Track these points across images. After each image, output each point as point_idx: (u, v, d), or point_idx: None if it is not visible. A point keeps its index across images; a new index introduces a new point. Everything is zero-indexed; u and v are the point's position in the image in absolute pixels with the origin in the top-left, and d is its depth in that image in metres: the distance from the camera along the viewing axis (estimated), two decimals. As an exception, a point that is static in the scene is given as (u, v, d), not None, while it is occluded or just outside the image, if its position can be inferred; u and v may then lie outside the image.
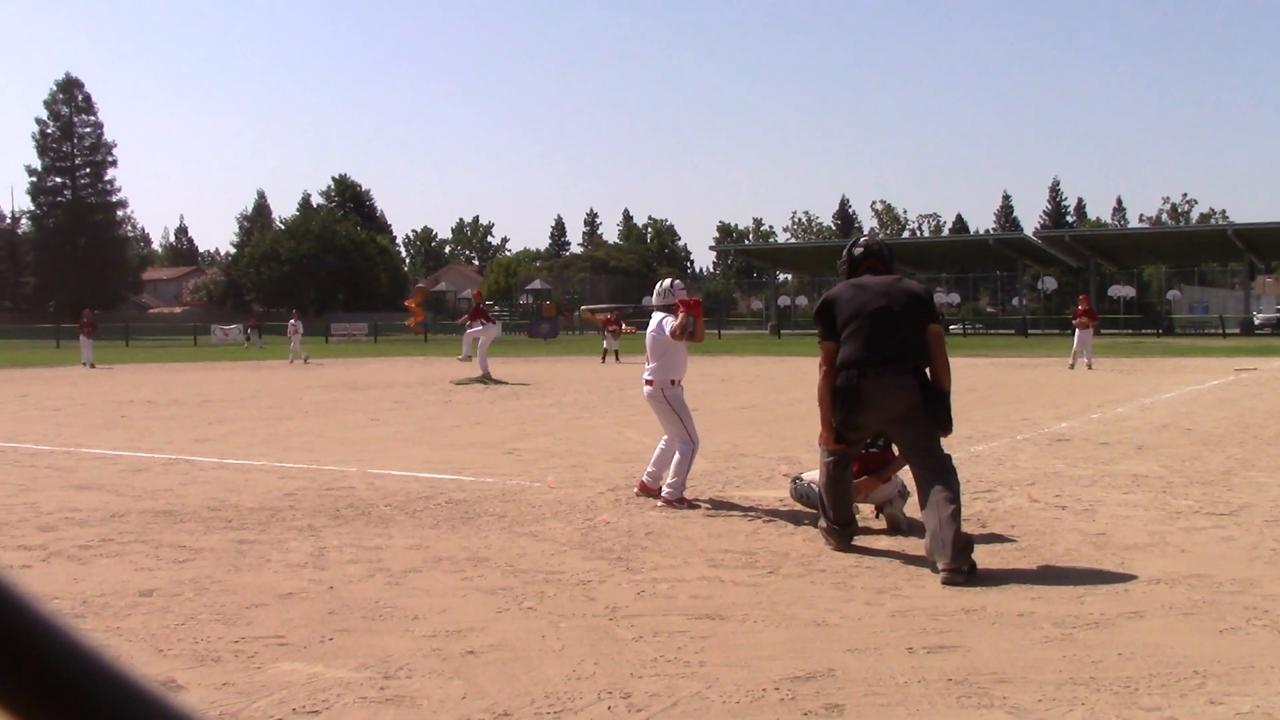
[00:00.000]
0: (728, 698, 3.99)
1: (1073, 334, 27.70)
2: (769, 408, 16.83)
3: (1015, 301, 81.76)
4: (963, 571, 5.75)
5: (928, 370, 6.43)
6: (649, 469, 8.47)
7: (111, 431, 13.87)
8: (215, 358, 40.08)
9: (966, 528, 7.10)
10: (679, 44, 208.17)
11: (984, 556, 6.34)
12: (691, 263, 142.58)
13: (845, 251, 6.84)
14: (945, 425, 6.35)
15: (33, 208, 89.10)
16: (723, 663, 4.39)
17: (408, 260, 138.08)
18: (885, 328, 6.35)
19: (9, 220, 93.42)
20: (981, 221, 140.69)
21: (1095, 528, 7.16)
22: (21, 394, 21.46)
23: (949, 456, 6.36)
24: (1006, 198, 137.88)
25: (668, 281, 8.86)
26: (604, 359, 34.61)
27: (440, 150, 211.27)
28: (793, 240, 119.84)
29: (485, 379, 22.68)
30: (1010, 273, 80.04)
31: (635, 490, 8.51)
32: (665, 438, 8.45)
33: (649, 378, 8.56)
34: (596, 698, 4.00)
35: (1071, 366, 26.72)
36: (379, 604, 5.32)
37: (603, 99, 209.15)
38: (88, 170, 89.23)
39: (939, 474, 6.17)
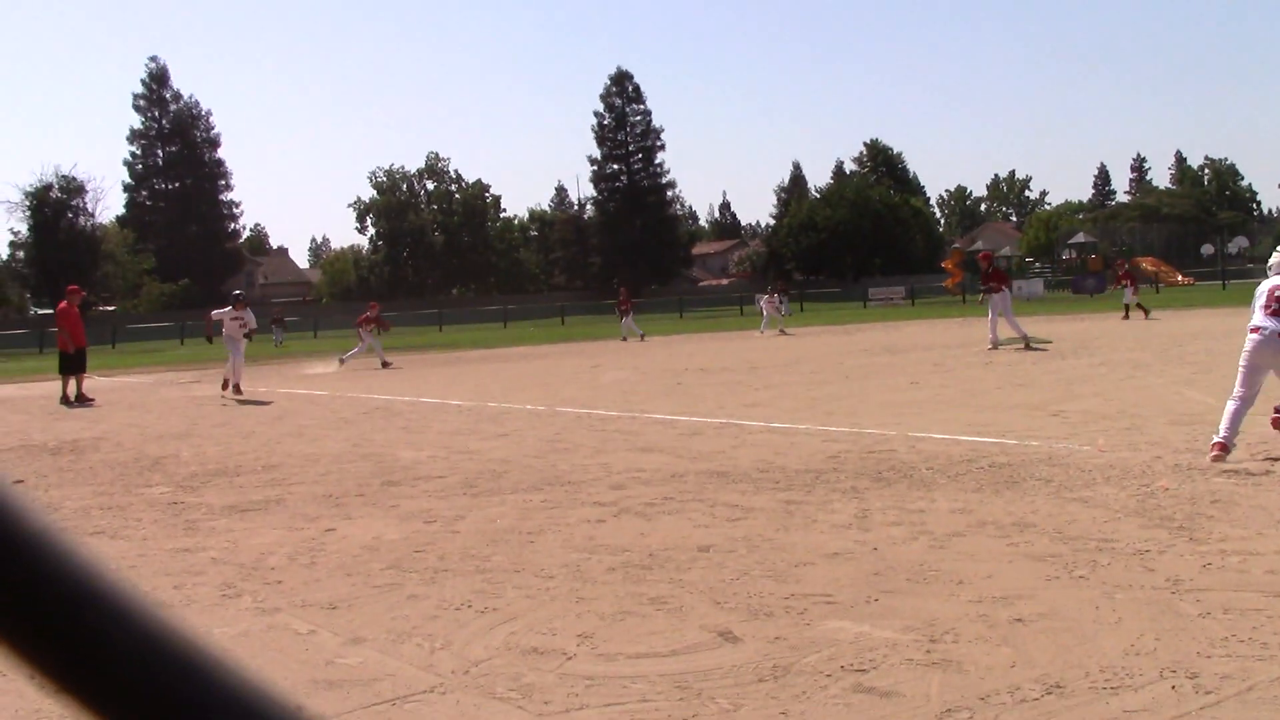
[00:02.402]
0: (1314, 685, 3.59)
1: None
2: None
3: None
4: None
5: None
6: (1223, 430, 7.75)
7: (669, 398, 14.91)
8: (758, 326, 41.85)
9: None
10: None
11: None
12: (1258, 204, 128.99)
13: None
14: None
15: (595, 194, 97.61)
16: (1307, 646, 3.96)
17: (942, 221, 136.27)
18: None
19: (577, 207, 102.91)
20: None
21: None
22: (594, 364, 23.65)
23: None
24: None
25: None
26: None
27: (972, 104, 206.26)
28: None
29: (1023, 342, 21.18)
30: None
31: (1210, 455, 7.78)
32: (1239, 395, 7.69)
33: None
34: (1159, 676, 3.75)
35: None
36: (923, 566, 5.32)
37: (1145, 27, 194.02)
38: (640, 155, 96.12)
39: None
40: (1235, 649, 3.97)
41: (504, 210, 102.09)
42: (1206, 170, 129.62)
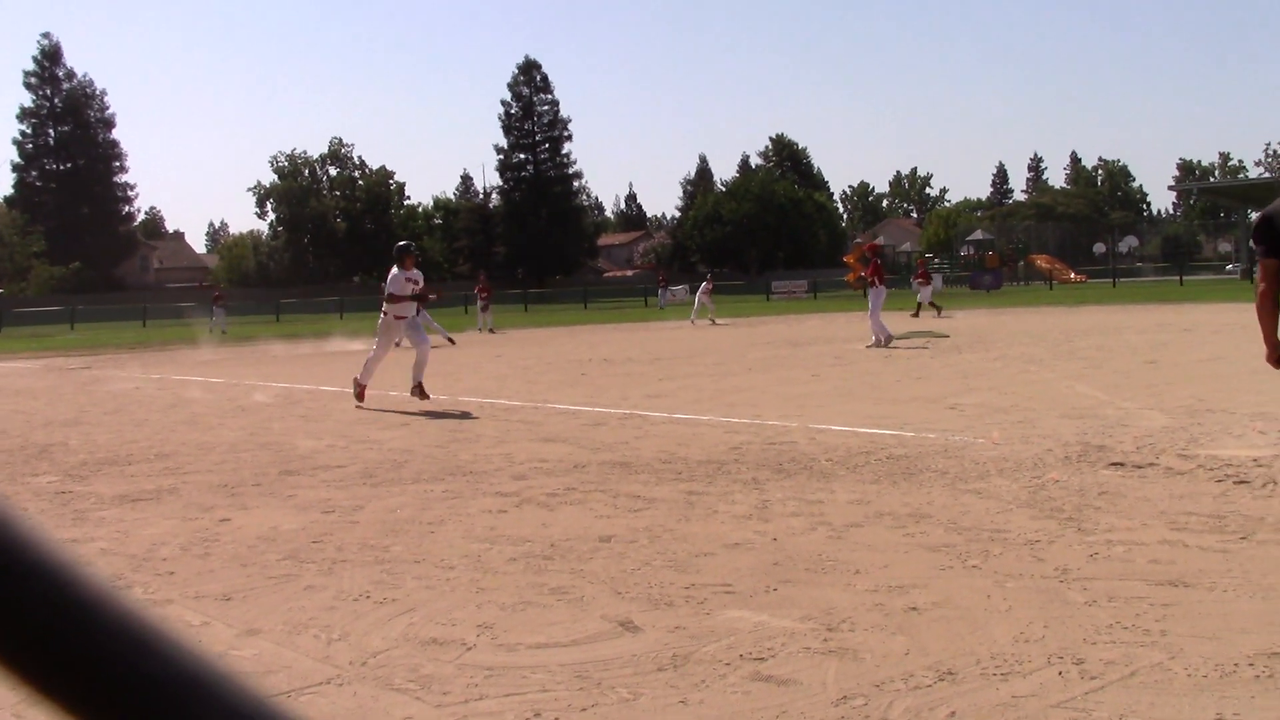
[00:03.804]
0: (1193, 670, 3.72)
1: None
2: (1240, 359, 15.40)
3: None
4: None
5: None
6: None
7: (573, 388, 14.90)
8: (666, 316, 41.99)
9: None
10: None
11: None
12: (1148, 204, 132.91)
13: None
14: None
15: (500, 183, 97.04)
16: (1187, 633, 4.09)
17: (845, 216, 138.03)
18: None
19: (482, 196, 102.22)
20: None
21: None
22: (497, 354, 23.53)
23: None
24: None
25: None
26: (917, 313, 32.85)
27: (876, 102, 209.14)
28: (1267, 175, 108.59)
29: (881, 343, 20.50)
30: None
31: None
32: None
33: None
34: (1046, 662, 3.85)
35: None
36: (821, 557, 5.40)
37: (1044, 33, 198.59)
38: (547, 145, 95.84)
39: None
40: (1119, 635, 4.09)
41: (408, 198, 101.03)
42: (1100, 171, 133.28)
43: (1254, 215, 6.10)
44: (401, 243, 14.10)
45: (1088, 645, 4.00)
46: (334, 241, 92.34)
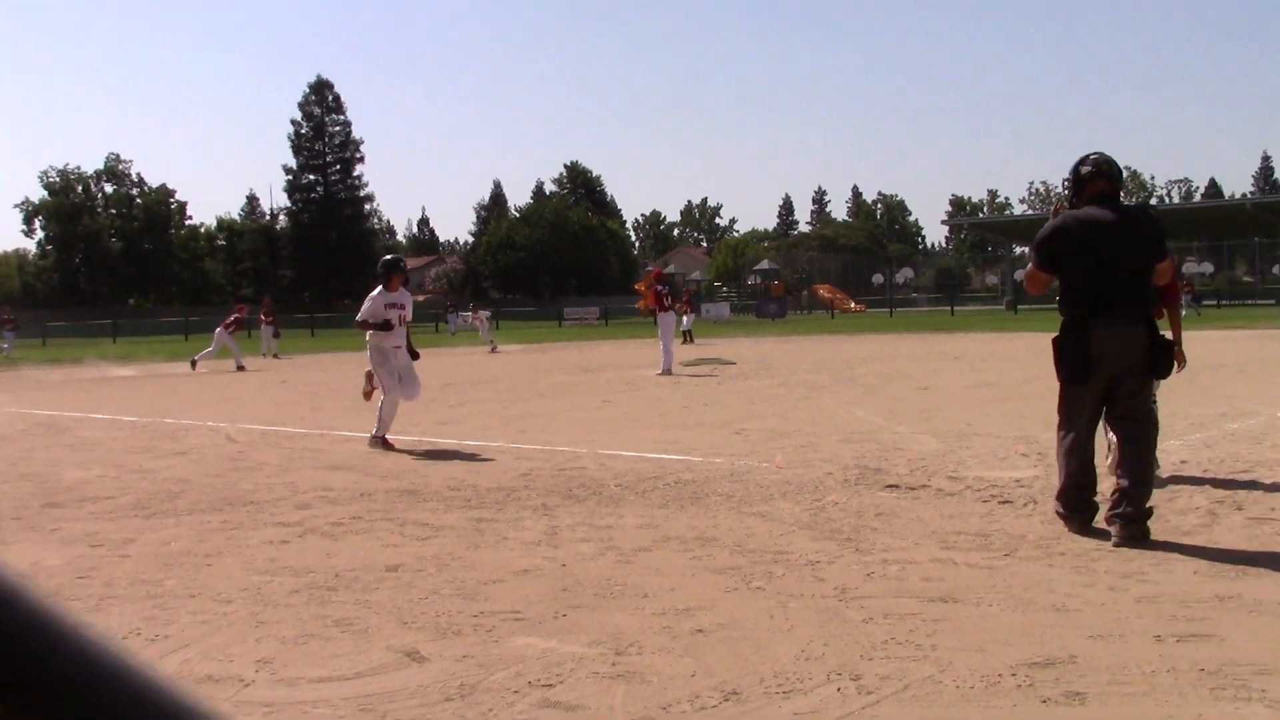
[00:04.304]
0: (961, 682, 3.89)
1: None
2: (1005, 385, 16.30)
3: (1277, 269, 76.48)
4: (1141, 536, 5.91)
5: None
6: None
7: (360, 415, 14.57)
8: (457, 343, 41.60)
9: (1221, 509, 6.77)
10: (903, 12, 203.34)
11: (1239, 540, 5.99)
12: (923, 238, 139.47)
13: (1071, 170, 6.53)
14: (1165, 373, 6.35)
15: (289, 204, 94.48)
16: (956, 646, 4.28)
17: (637, 244, 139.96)
18: (1115, 276, 6.13)
19: (269, 217, 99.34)
20: (1238, 185, 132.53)
21: (1368, 511, 6.64)
22: (281, 380, 22.84)
23: (1155, 414, 6.35)
24: (1266, 159, 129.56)
25: None
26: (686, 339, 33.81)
27: (668, 133, 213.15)
28: (1030, 212, 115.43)
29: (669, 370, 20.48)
30: (1271, 239, 74.90)
31: None
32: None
33: None
34: (826, 679, 3.97)
35: None
36: (610, 581, 5.43)
37: (830, 74, 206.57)
38: (338, 167, 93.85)
39: (1147, 431, 6.21)
40: (894, 651, 4.25)
41: (190, 218, 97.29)
42: (879, 205, 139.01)
43: (1022, 249, 6.54)
44: (389, 257, 11.66)
45: (865, 661, 4.14)
46: (108, 262, 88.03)
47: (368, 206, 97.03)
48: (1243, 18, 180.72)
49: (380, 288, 11.13)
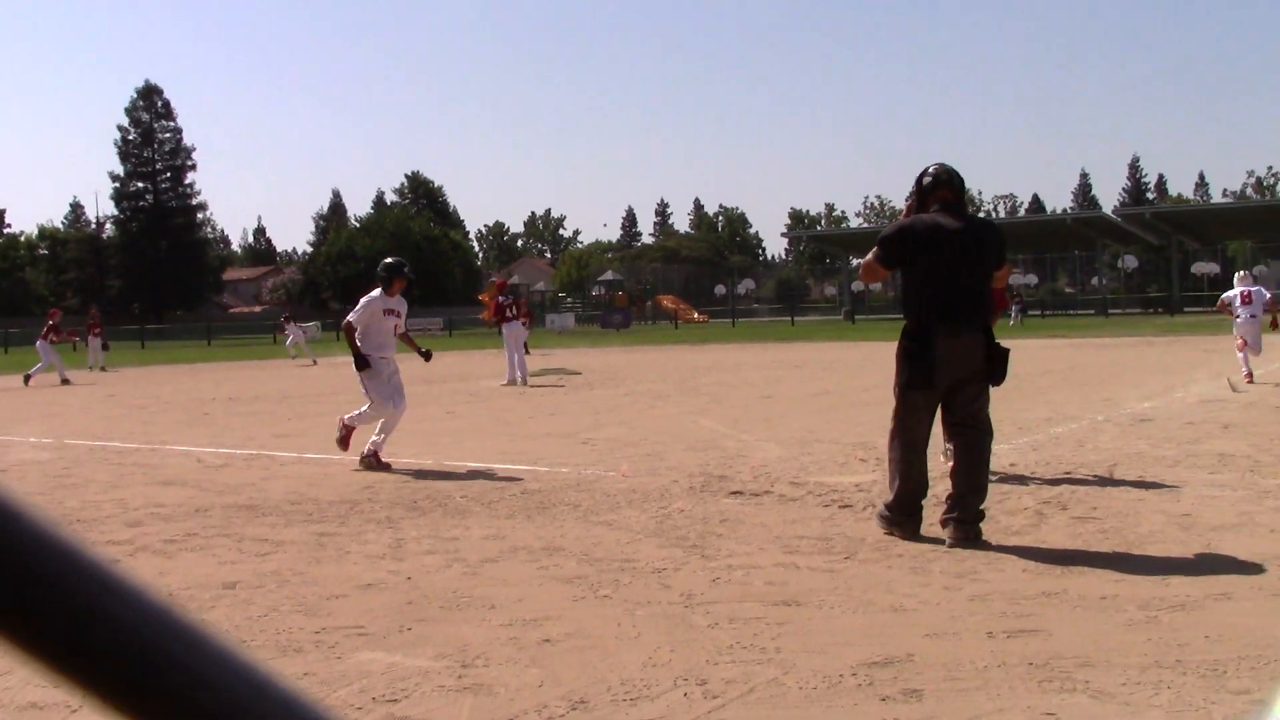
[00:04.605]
0: (804, 684, 3.97)
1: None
2: (844, 393, 16.71)
3: (1095, 281, 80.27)
4: (974, 538, 6.11)
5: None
6: None
7: (195, 428, 14.14)
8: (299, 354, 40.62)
9: (1048, 509, 7.05)
10: (746, 29, 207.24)
11: (1064, 539, 6.25)
12: (763, 250, 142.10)
13: (915, 182, 6.72)
14: (1002, 380, 6.49)
15: (116, 212, 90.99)
16: (799, 649, 4.37)
17: (481, 255, 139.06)
18: (957, 282, 6.32)
19: (95, 225, 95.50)
20: (1058, 201, 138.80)
21: (1180, 508, 7.01)
22: (109, 394, 21.97)
23: (990, 422, 6.47)
24: (1084, 176, 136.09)
25: None
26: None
27: (511, 144, 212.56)
28: (866, 225, 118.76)
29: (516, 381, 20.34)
30: (1089, 252, 78.61)
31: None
32: None
33: None
34: (673, 684, 4.00)
35: None
36: (456, 594, 5.37)
37: (672, 87, 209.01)
38: (168, 175, 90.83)
39: (983, 437, 6.37)
40: (739, 655, 4.31)
41: (9, 226, 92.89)
42: (721, 217, 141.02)
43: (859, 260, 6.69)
44: (392, 260, 10.72)
45: (710, 666, 4.19)
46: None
47: (200, 215, 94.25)
48: (1062, 46, 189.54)
49: (379, 290, 10.24)
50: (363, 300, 10.22)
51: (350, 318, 10.19)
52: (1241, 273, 18.40)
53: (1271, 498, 7.28)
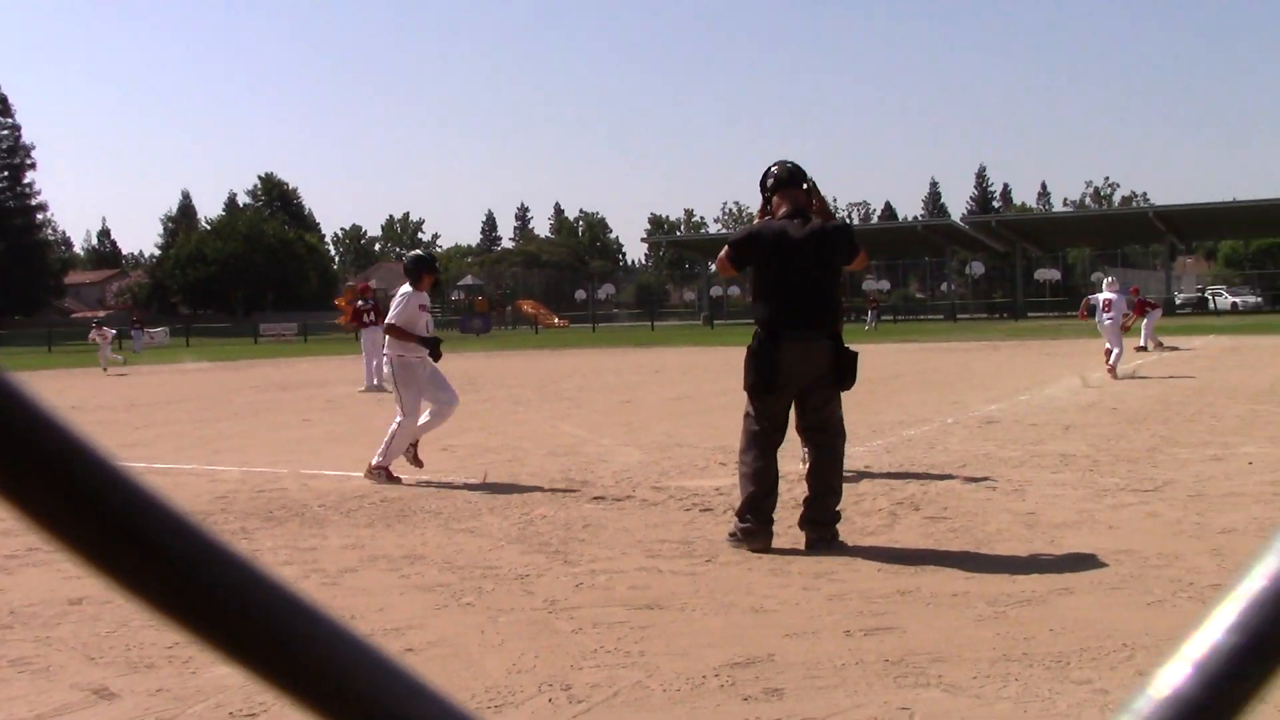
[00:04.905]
0: (668, 686, 4.01)
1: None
2: (703, 398, 16.89)
3: (944, 287, 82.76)
4: (831, 539, 6.23)
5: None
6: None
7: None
8: (141, 360, 39.34)
9: (901, 510, 7.24)
10: (602, 33, 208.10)
11: (917, 539, 6.43)
12: (624, 255, 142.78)
13: (760, 184, 6.79)
14: (850, 384, 6.54)
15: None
16: (662, 651, 4.41)
17: (337, 258, 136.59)
18: (804, 288, 6.40)
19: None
20: (909, 209, 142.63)
21: (1025, 507, 7.27)
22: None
23: (842, 424, 6.55)
24: (934, 185, 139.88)
25: None
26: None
27: (368, 146, 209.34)
28: (724, 230, 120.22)
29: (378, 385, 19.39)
30: (939, 259, 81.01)
31: None
32: None
33: None
34: (537, 690, 4.00)
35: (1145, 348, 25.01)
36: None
37: (530, 91, 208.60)
38: (5, 174, 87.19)
39: (835, 441, 6.45)
40: (603, 659, 4.33)
41: None
42: (581, 222, 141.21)
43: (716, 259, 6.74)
44: (421, 253, 10.30)
45: (575, 671, 4.20)
46: None
47: (40, 216, 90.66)
48: (913, 58, 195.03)
49: (408, 286, 9.59)
50: (398, 299, 9.54)
51: (391, 319, 9.50)
52: (1110, 279, 20.54)
53: (1109, 496, 7.60)
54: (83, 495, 0.35)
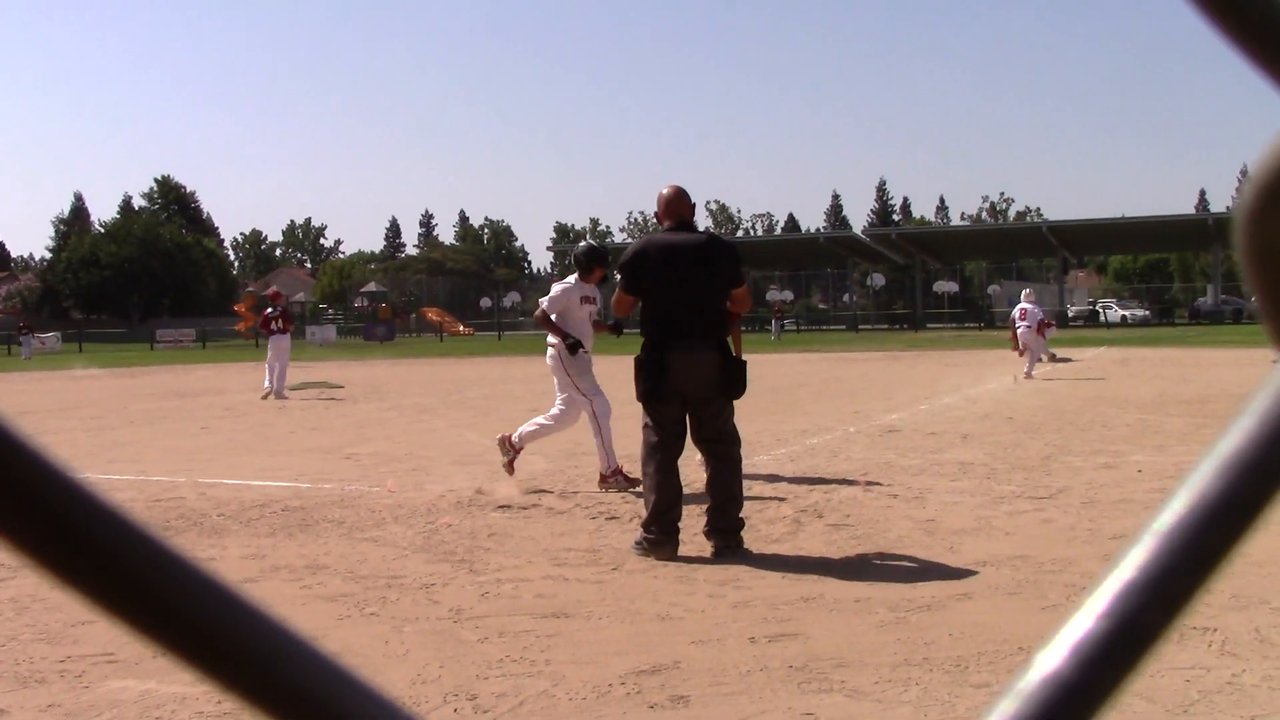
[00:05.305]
0: (574, 694, 4.02)
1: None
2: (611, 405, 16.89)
3: (846, 298, 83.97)
4: (735, 546, 6.28)
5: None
6: None
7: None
8: (31, 367, 38.26)
9: (805, 517, 7.33)
10: (510, 39, 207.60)
11: (820, 546, 6.52)
12: (529, 263, 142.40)
13: (656, 200, 6.91)
14: (739, 393, 6.60)
15: None
16: (569, 660, 4.41)
17: (237, 264, 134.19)
18: (690, 299, 6.48)
19: None
20: (812, 220, 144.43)
21: (925, 514, 7.42)
22: None
23: (737, 433, 6.62)
24: (836, 197, 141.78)
25: None
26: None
27: (269, 150, 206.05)
28: (630, 240, 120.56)
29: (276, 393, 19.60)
30: (841, 270, 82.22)
31: None
32: None
33: None
34: (443, 700, 3.98)
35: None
36: (214, 616, 5.18)
37: (435, 96, 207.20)
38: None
39: (731, 449, 6.50)
40: (509, 669, 4.32)
41: None
42: (486, 230, 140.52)
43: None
44: (592, 244, 9.94)
45: (480, 681, 4.19)
46: None
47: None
48: (816, 73, 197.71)
49: (573, 278, 9.34)
50: (557, 287, 9.32)
51: (544, 304, 9.28)
52: (1026, 290, 22.80)
53: (1006, 503, 7.79)
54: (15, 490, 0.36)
